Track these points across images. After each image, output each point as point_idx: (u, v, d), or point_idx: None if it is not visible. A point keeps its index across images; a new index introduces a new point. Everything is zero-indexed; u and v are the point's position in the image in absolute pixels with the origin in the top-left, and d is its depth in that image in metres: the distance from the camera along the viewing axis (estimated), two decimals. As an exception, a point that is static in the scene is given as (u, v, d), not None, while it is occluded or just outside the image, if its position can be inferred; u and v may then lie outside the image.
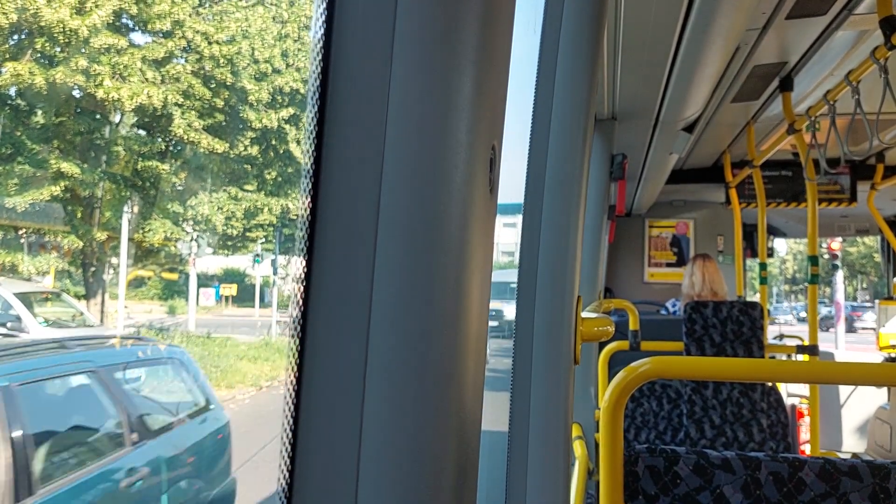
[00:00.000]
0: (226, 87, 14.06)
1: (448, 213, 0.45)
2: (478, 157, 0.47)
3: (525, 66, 1.31)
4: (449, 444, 0.45)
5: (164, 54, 13.07)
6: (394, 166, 0.44)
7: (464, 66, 0.45)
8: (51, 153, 12.31)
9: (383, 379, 0.44)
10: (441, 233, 0.45)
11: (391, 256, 0.44)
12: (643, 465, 1.16)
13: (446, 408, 0.45)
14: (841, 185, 4.78)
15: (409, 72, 0.44)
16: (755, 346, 3.05)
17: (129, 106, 12.45)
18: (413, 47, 0.44)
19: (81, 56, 11.96)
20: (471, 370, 0.48)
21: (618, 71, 2.40)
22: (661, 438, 3.40)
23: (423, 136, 0.44)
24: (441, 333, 0.45)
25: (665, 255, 6.00)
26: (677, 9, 1.88)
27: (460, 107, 0.45)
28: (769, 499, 1.13)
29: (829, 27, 2.34)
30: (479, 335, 0.50)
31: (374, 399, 0.44)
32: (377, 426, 0.44)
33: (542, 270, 1.19)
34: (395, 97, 0.44)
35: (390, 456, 0.43)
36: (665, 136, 3.27)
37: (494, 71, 0.49)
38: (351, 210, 0.44)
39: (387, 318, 0.44)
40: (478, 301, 0.49)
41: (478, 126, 0.47)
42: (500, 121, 0.52)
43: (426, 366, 0.44)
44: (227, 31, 14.09)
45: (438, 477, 0.45)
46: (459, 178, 0.45)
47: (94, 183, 12.69)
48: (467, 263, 0.47)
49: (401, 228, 0.44)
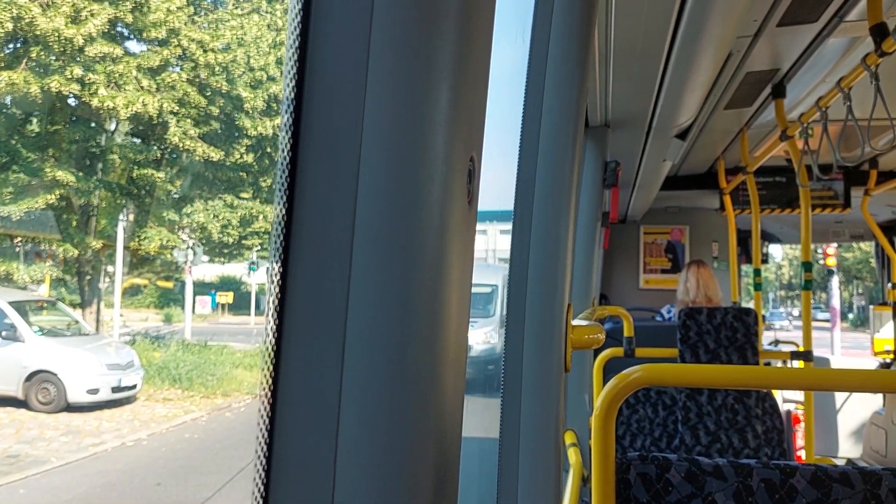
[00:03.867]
0: (221, 94, 14.07)
1: (425, 224, 0.45)
2: (455, 169, 0.47)
3: (515, 74, 1.32)
4: (427, 451, 0.45)
5: (159, 62, 13.07)
6: (370, 178, 0.44)
7: (440, 79, 0.45)
8: (46, 161, 12.29)
9: (360, 390, 0.43)
10: (418, 244, 0.44)
11: (368, 267, 0.44)
12: (635, 473, 1.15)
13: (425, 419, 0.45)
14: (835, 191, 4.79)
15: (384, 84, 0.44)
16: (749, 353, 3.05)
17: (125, 114, 12.44)
18: (389, 60, 0.44)
19: (77, 64, 11.96)
20: (450, 382, 0.48)
21: (610, 78, 2.40)
22: (657, 445, 3.40)
23: (398, 149, 0.44)
24: (419, 345, 0.45)
25: (660, 261, 6.01)
26: (668, 16, 1.89)
27: (436, 119, 0.45)
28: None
29: (821, 34, 2.35)
30: (459, 347, 0.49)
31: (351, 410, 0.43)
32: (353, 436, 0.43)
33: (532, 278, 1.19)
34: (370, 109, 0.44)
35: (366, 463, 0.43)
36: (658, 143, 3.27)
37: (472, 82, 0.49)
38: (326, 223, 0.44)
39: (364, 330, 0.44)
40: (456, 312, 0.48)
41: (455, 138, 0.47)
42: (480, 132, 0.52)
43: (404, 377, 0.44)
44: (223, 39, 14.11)
45: (416, 483, 0.44)
46: (437, 190, 0.45)
47: (90, 191, 12.67)
48: (445, 274, 0.46)
49: (377, 240, 0.44)
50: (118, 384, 10.01)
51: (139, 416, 9.88)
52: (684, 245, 5.98)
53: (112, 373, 10.02)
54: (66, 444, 8.43)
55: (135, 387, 10.39)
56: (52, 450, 8.22)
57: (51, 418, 9.26)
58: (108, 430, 9.08)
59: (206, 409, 10.40)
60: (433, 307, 0.45)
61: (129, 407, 10.17)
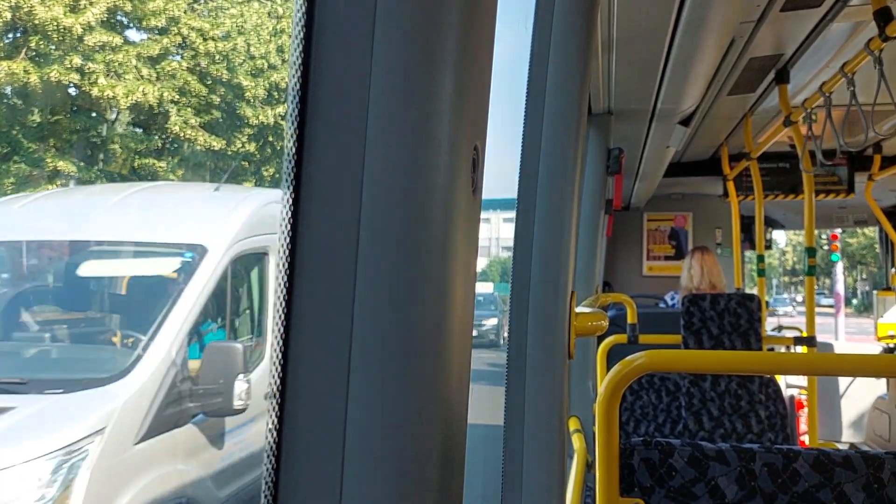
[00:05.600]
0: (222, 83, 13.99)
1: (430, 213, 0.45)
2: (460, 158, 0.47)
3: (518, 61, 1.31)
4: (434, 440, 0.46)
5: (159, 51, 13.01)
6: (374, 168, 0.44)
7: (444, 67, 0.45)
8: (47, 152, 12.24)
9: (367, 380, 0.44)
10: (423, 233, 0.45)
11: (373, 257, 0.44)
12: (638, 458, 1.16)
13: (431, 408, 0.45)
14: (838, 177, 4.77)
15: (388, 73, 0.44)
16: (753, 338, 3.06)
17: (125, 104, 12.39)
18: (393, 48, 0.44)
19: (76, 54, 11.89)
20: (455, 371, 0.49)
21: (613, 65, 2.40)
22: (661, 431, 3.41)
23: (403, 138, 0.44)
24: (424, 335, 0.45)
25: (663, 248, 6.00)
26: (671, 2, 1.88)
27: (440, 108, 0.45)
28: (763, 490, 1.13)
29: (824, 19, 2.34)
30: (464, 336, 0.50)
31: (358, 399, 0.44)
32: (361, 425, 0.44)
33: (535, 266, 1.20)
34: (374, 99, 0.44)
35: (374, 452, 0.44)
36: (662, 130, 3.26)
37: (476, 71, 0.49)
38: (333, 212, 0.45)
39: (370, 320, 0.44)
40: (462, 301, 0.49)
41: (459, 126, 0.47)
42: (483, 121, 0.52)
43: (410, 367, 0.45)
44: (223, 27, 14.00)
45: (422, 472, 0.45)
46: (441, 179, 0.46)
47: (91, 181, 12.62)
48: (450, 263, 0.47)
49: (383, 229, 0.44)
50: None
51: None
52: (688, 232, 5.97)
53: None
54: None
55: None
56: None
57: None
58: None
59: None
60: (438, 296, 0.46)
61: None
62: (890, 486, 1.11)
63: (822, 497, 1.12)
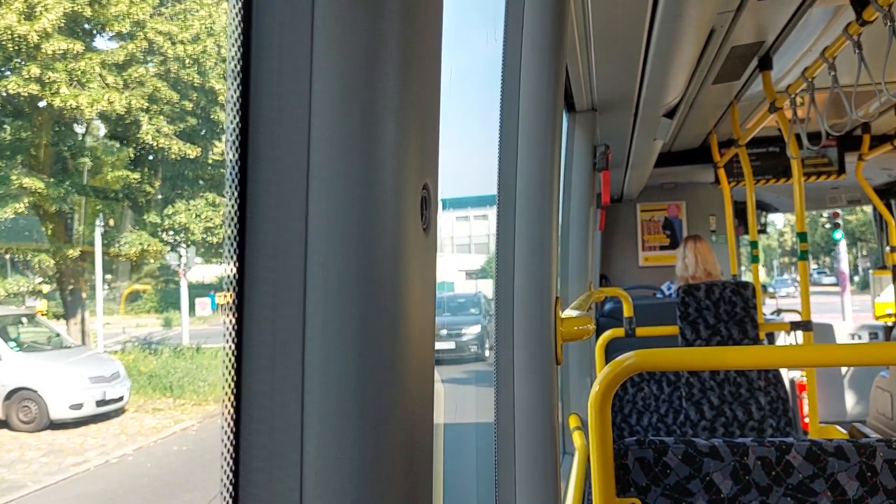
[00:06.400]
0: (194, 88, 13.38)
1: (378, 255, 0.45)
2: (407, 198, 0.47)
3: (491, 63, 1.31)
4: (395, 442, 0.46)
5: (124, 58, 12.42)
6: (318, 214, 0.44)
7: (385, 114, 0.45)
8: (12, 168, 11.66)
9: (321, 435, 0.44)
10: (373, 275, 0.45)
11: (321, 298, 0.44)
12: (633, 458, 1.17)
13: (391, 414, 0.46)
14: (829, 158, 4.78)
15: (328, 117, 0.44)
16: (749, 326, 3.07)
17: (90, 113, 11.81)
18: (330, 97, 0.44)
19: (33, 63, 11.32)
20: (418, 413, 0.49)
21: (593, 62, 2.39)
22: (664, 421, 3.42)
23: (346, 182, 0.44)
24: (380, 375, 0.45)
25: (658, 238, 6.01)
26: None
27: (383, 154, 0.45)
28: (758, 483, 1.14)
29: (804, 5, 2.34)
30: (424, 369, 0.50)
31: (314, 403, 0.44)
32: (317, 430, 0.44)
33: (518, 275, 1.19)
34: (315, 146, 0.44)
35: (332, 454, 0.44)
36: (647, 124, 3.27)
37: (422, 110, 0.49)
38: (276, 254, 0.44)
39: (321, 363, 0.44)
40: (419, 338, 0.49)
41: (405, 167, 0.47)
42: (434, 158, 0.52)
43: (364, 407, 0.45)
44: (192, 29, 13.31)
45: (384, 473, 0.45)
46: (388, 222, 0.46)
47: (62, 197, 12.05)
48: (404, 304, 0.47)
49: (329, 275, 0.44)
50: (103, 397, 9.48)
51: (126, 429, 9.43)
52: (681, 220, 5.98)
53: (96, 386, 9.49)
54: (45, 466, 8.01)
55: (121, 399, 9.87)
56: (29, 473, 7.80)
57: (33, 438, 8.84)
58: (92, 448, 8.66)
59: (197, 418, 9.95)
60: (392, 337, 0.46)
61: (117, 420, 9.70)
62: (883, 474, 1.12)
63: (817, 488, 1.12)
